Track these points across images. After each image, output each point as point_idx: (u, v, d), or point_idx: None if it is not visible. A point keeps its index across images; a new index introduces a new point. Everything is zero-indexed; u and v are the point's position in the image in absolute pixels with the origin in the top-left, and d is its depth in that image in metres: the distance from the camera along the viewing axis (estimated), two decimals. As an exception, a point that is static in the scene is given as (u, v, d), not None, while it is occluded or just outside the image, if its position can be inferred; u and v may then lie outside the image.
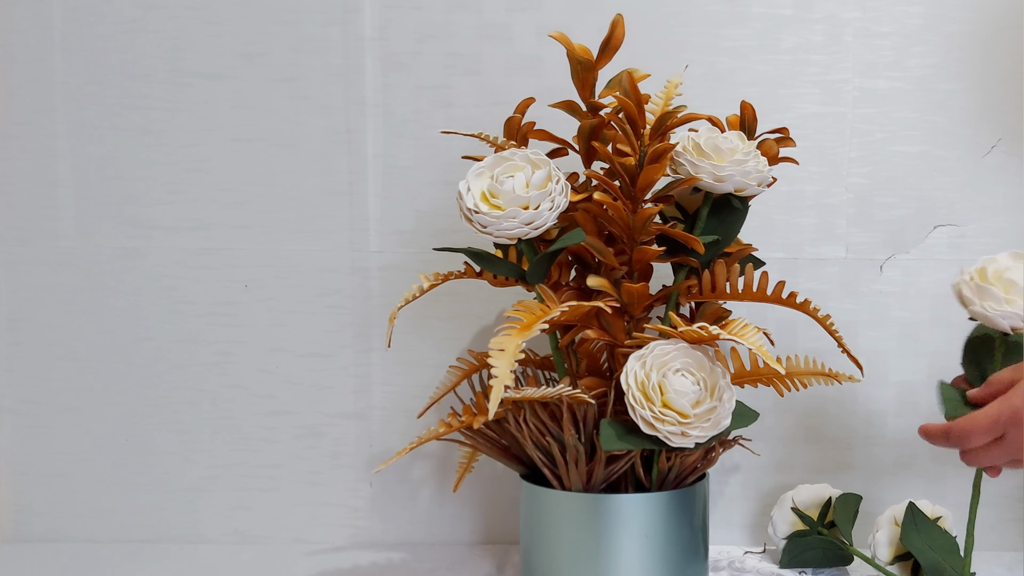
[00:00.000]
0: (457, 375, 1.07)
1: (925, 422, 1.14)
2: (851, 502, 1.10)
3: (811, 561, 1.09)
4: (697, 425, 0.86)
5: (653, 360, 0.87)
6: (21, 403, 1.18)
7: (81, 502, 1.18)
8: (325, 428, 1.17)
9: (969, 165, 1.13)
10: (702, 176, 0.91)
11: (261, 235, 1.16)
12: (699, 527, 0.96)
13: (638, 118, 0.89)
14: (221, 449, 1.17)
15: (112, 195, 1.16)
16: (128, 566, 1.11)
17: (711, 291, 0.95)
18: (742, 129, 0.96)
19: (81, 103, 1.15)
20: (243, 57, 1.14)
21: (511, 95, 1.03)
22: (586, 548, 0.92)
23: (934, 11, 1.12)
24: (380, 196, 1.15)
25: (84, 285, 1.16)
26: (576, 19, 1.12)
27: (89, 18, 1.14)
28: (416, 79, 1.14)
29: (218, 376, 1.17)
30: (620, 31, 0.93)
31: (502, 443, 1.00)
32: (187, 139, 1.15)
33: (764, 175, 0.92)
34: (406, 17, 1.13)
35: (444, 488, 1.18)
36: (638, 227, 0.90)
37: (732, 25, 1.13)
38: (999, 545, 1.16)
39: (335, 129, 1.14)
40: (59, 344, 1.17)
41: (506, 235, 0.87)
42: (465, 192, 0.89)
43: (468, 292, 1.14)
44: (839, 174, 1.14)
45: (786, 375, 0.94)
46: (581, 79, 0.94)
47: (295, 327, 1.16)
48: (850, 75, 1.13)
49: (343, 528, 1.18)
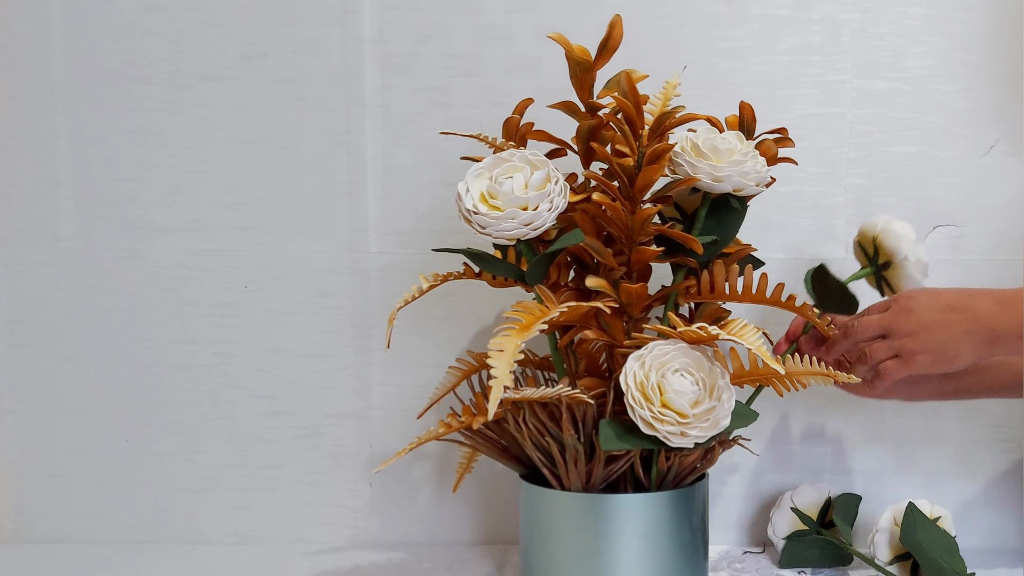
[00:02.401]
0: (456, 375, 1.07)
1: (925, 421, 1.15)
2: (851, 502, 1.10)
3: (810, 561, 1.09)
4: (696, 425, 0.87)
5: (652, 360, 0.87)
6: (22, 404, 1.18)
7: (81, 502, 1.18)
8: (325, 428, 1.17)
9: (968, 165, 1.13)
10: (700, 176, 0.91)
11: (261, 236, 1.16)
12: (698, 527, 0.96)
13: (636, 119, 0.89)
14: (221, 450, 1.18)
15: (112, 196, 1.16)
16: (128, 566, 1.11)
17: (710, 292, 0.95)
18: (741, 130, 0.96)
19: (81, 105, 1.15)
20: (243, 59, 1.14)
21: (510, 96, 1.04)
22: (586, 548, 0.92)
23: (932, 12, 1.12)
24: (379, 197, 1.15)
25: (85, 286, 1.16)
26: (575, 20, 1.12)
27: (89, 20, 1.14)
28: (415, 80, 1.14)
29: (218, 377, 1.17)
30: (618, 32, 0.93)
31: (501, 443, 1.00)
32: (187, 140, 1.15)
33: (762, 175, 0.93)
34: (405, 18, 1.13)
35: (444, 488, 1.18)
36: (637, 228, 0.90)
37: (730, 26, 1.13)
38: (999, 545, 1.16)
39: (334, 130, 1.15)
40: (60, 345, 1.17)
41: (505, 236, 0.87)
42: (464, 193, 0.89)
43: (467, 293, 1.14)
44: (838, 174, 1.14)
45: (785, 375, 0.94)
46: (579, 80, 0.94)
47: (295, 328, 1.16)
48: (848, 76, 1.13)
49: (343, 528, 1.18)
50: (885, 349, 0.95)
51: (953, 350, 0.92)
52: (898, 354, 0.94)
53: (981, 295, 0.92)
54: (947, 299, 0.92)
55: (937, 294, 0.94)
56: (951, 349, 0.92)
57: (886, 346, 0.94)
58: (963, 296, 0.92)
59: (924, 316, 0.92)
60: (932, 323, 0.92)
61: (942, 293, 0.94)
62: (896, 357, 0.94)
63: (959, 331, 0.91)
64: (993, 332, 0.90)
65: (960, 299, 0.92)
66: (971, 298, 0.92)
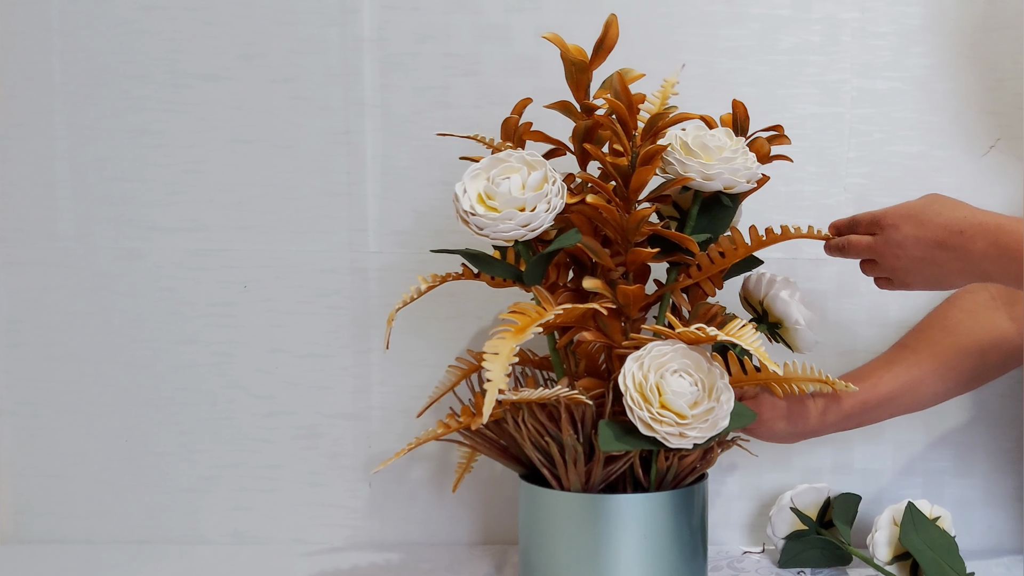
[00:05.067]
0: (455, 375, 1.07)
1: (925, 421, 1.15)
2: (850, 502, 1.10)
3: (810, 561, 1.09)
4: (695, 426, 0.86)
5: (651, 361, 0.87)
6: (21, 404, 1.18)
7: (81, 502, 1.18)
8: (324, 429, 1.17)
9: (968, 165, 1.13)
10: (691, 175, 0.90)
11: (260, 236, 1.16)
12: (698, 527, 0.96)
13: (629, 119, 0.89)
14: (220, 450, 1.18)
15: (111, 196, 1.16)
16: (128, 566, 1.11)
17: (699, 272, 0.95)
18: (734, 128, 0.96)
19: (80, 104, 1.15)
20: (242, 58, 1.14)
21: (509, 96, 1.03)
22: (585, 548, 0.92)
23: (932, 11, 1.12)
24: (379, 197, 1.15)
25: (83, 286, 1.16)
26: (574, 20, 1.12)
27: (88, 20, 1.14)
28: (414, 80, 1.14)
29: (217, 377, 1.17)
30: (614, 31, 0.93)
31: (501, 443, 1.00)
32: (186, 140, 1.15)
33: (753, 172, 0.92)
34: (404, 18, 1.13)
35: (443, 488, 1.18)
36: (631, 228, 0.90)
37: (730, 25, 1.13)
38: (999, 545, 1.15)
39: (334, 130, 1.15)
40: (58, 345, 1.17)
41: (502, 237, 0.87)
42: (461, 194, 0.89)
43: (466, 293, 1.14)
44: (837, 174, 1.14)
45: (784, 379, 0.94)
46: (575, 80, 0.94)
47: (294, 328, 1.16)
48: (848, 75, 1.13)
49: (342, 528, 1.18)
50: (878, 270, 0.94)
51: (947, 283, 0.90)
52: (890, 277, 0.93)
53: (974, 231, 0.86)
54: (936, 234, 0.87)
55: (924, 223, 0.88)
56: (944, 282, 0.90)
57: (879, 268, 0.93)
58: (954, 232, 0.86)
59: (912, 251, 0.88)
60: (922, 259, 0.88)
61: (929, 223, 0.88)
62: (888, 280, 0.94)
63: (952, 269, 0.88)
64: (987, 274, 0.87)
65: (951, 236, 0.87)
66: (962, 236, 0.86)
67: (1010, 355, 1.04)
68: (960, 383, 1.05)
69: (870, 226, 0.93)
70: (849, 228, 0.95)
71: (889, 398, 1.02)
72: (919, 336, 1.07)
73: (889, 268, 0.92)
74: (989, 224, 0.86)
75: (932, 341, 1.05)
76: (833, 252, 0.96)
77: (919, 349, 1.05)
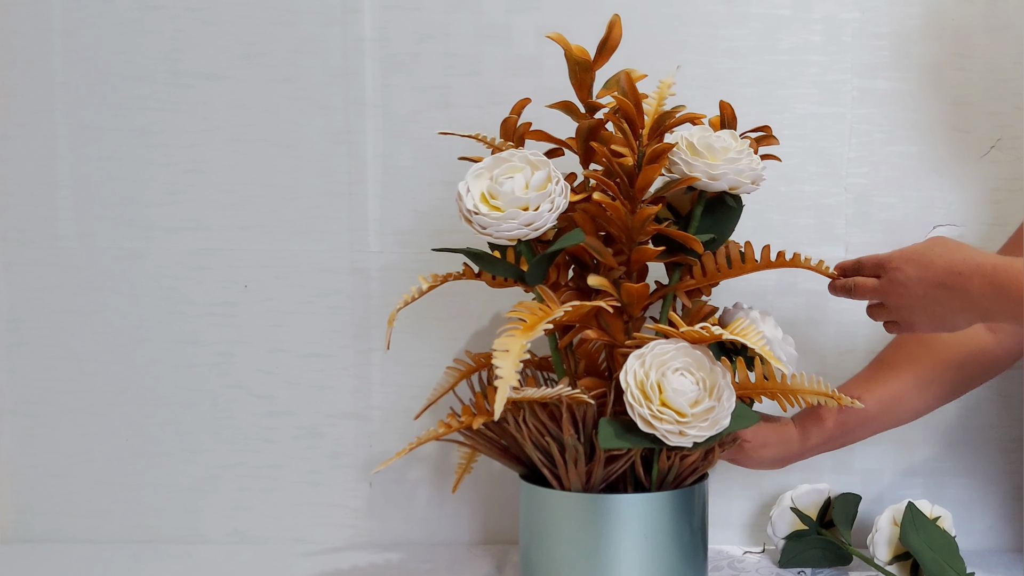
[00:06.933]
0: (455, 376, 1.07)
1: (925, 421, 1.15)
2: (850, 502, 1.10)
3: (810, 561, 1.09)
4: (695, 424, 0.86)
5: (653, 359, 0.87)
6: (21, 404, 1.18)
7: (81, 502, 1.18)
8: (325, 428, 1.17)
9: (967, 165, 1.13)
10: (697, 175, 0.91)
11: (261, 236, 1.16)
12: (698, 527, 0.96)
13: (636, 118, 0.89)
14: (221, 449, 1.18)
15: (112, 196, 1.16)
16: (128, 566, 1.11)
17: (703, 276, 0.95)
18: (723, 129, 0.96)
19: (81, 104, 1.15)
20: (242, 58, 1.14)
21: (510, 96, 1.03)
22: (586, 548, 0.92)
23: (932, 11, 1.12)
24: (379, 197, 1.15)
25: (84, 286, 1.16)
26: (575, 20, 1.12)
27: (89, 19, 1.14)
28: (415, 80, 1.14)
29: (218, 376, 1.17)
30: (617, 31, 0.93)
31: (501, 443, 1.00)
32: (187, 140, 1.15)
33: (757, 173, 0.93)
34: (405, 18, 1.13)
35: (443, 488, 1.18)
36: (637, 227, 0.90)
37: (731, 25, 1.13)
38: (999, 545, 1.16)
39: (335, 130, 1.15)
40: (59, 345, 1.17)
41: (506, 236, 0.87)
42: (465, 193, 0.89)
43: (467, 293, 1.14)
44: (838, 174, 1.14)
45: (789, 389, 0.94)
46: (579, 79, 0.94)
47: (295, 327, 1.16)
48: (849, 75, 1.13)
49: (343, 528, 1.18)
50: (885, 313, 0.95)
51: (950, 322, 0.91)
52: (897, 321, 0.94)
53: (971, 271, 0.87)
54: (937, 275, 0.89)
55: (926, 266, 0.90)
56: (948, 321, 0.91)
57: (885, 311, 0.95)
58: (953, 273, 0.88)
59: (915, 291, 0.90)
60: (924, 298, 0.90)
61: (931, 264, 0.90)
62: (895, 323, 0.95)
63: (953, 308, 0.89)
64: (988, 313, 0.88)
65: (950, 276, 0.89)
66: (961, 276, 0.88)
67: (989, 366, 1.05)
68: (940, 397, 1.06)
69: (875, 268, 0.94)
70: (855, 270, 0.96)
71: (871, 416, 1.03)
72: (897, 351, 1.07)
73: (894, 308, 0.93)
74: (986, 264, 0.87)
75: (911, 356, 1.05)
76: (839, 292, 0.97)
77: (897, 364, 1.05)
